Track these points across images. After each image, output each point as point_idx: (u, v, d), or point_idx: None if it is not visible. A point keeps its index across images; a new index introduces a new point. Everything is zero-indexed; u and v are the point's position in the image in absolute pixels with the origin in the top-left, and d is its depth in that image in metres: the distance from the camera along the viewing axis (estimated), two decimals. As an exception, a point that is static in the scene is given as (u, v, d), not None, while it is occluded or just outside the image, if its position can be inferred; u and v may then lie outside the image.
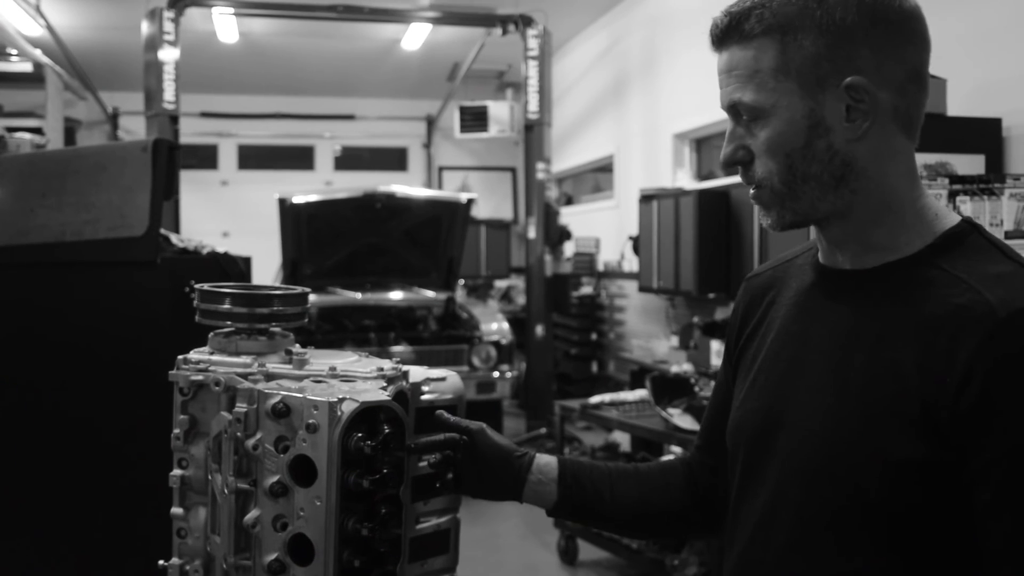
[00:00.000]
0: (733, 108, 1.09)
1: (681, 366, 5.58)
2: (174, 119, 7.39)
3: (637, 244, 6.70)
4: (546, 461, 1.34)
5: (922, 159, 3.47)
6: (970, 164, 3.58)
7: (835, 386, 1.06)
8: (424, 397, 1.34)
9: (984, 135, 3.70)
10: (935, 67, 4.03)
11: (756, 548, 1.14)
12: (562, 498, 1.33)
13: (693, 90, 7.00)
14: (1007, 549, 0.95)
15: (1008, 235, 3.24)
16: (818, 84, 1.03)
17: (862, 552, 1.03)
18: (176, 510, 1.23)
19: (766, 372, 1.18)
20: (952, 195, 3.28)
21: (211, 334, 1.29)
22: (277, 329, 1.29)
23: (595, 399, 4.70)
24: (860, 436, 1.02)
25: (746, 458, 1.18)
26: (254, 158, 12.02)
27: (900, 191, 1.08)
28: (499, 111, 9.33)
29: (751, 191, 1.12)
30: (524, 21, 7.77)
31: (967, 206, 3.23)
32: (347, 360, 1.26)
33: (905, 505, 0.99)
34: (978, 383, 0.94)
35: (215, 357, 1.24)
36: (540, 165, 7.75)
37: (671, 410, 4.12)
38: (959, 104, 3.77)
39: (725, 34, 1.08)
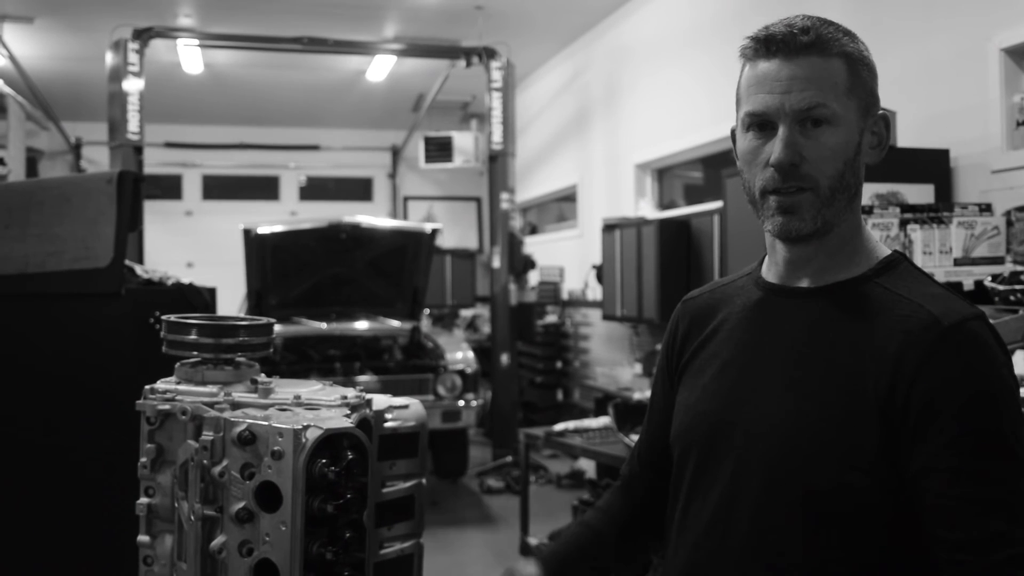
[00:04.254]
0: (801, 112, 1.15)
1: (644, 393, 5.63)
2: (138, 150, 7.37)
3: (600, 273, 6.78)
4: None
5: (874, 188, 3.57)
6: (920, 193, 3.68)
7: (794, 390, 1.16)
8: (387, 424, 1.37)
9: (933, 165, 3.81)
10: (887, 99, 4.15)
11: (713, 540, 1.21)
12: None
13: (654, 121, 7.12)
14: (955, 533, 1.05)
15: (957, 262, 3.33)
16: (867, 110, 1.20)
17: (822, 539, 1.12)
18: (143, 538, 1.25)
19: (717, 379, 1.26)
20: (903, 223, 3.38)
21: (177, 364, 1.31)
22: (243, 359, 1.31)
23: (559, 426, 4.73)
24: (820, 434, 1.12)
25: (698, 458, 1.26)
26: (219, 188, 11.98)
27: (860, 218, 1.24)
28: (464, 142, 9.40)
29: (781, 199, 1.17)
30: (488, 53, 7.87)
31: (917, 234, 3.32)
32: (311, 389, 1.29)
33: (861, 496, 1.10)
34: (926, 382, 1.07)
35: (182, 387, 1.26)
36: (504, 195, 7.81)
37: (633, 436, 4.16)
38: (909, 135, 3.88)
39: (807, 46, 1.16)
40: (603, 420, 4.70)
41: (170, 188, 11.68)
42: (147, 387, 1.26)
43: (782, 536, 1.14)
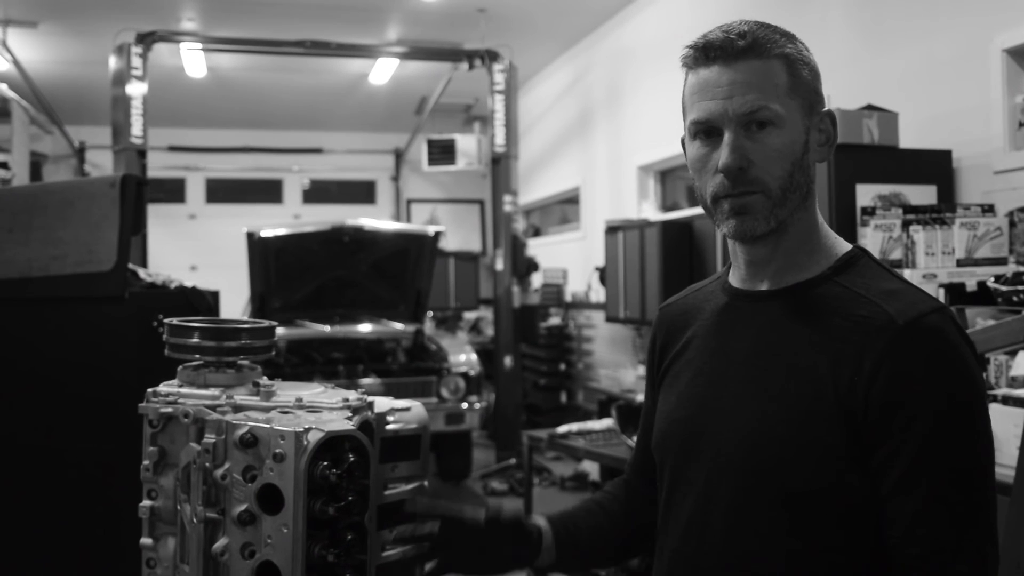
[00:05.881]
0: (745, 116, 1.15)
1: (648, 395, 5.61)
2: (142, 153, 7.39)
3: (604, 275, 6.77)
4: (542, 527, 1.43)
5: (876, 189, 3.57)
6: (922, 194, 3.68)
7: (760, 395, 1.17)
8: (389, 427, 1.37)
9: (935, 166, 3.81)
10: (889, 100, 4.12)
11: (690, 544, 1.23)
12: (559, 559, 1.43)
13: (657, 123, 7.12)
14: (911, 529, 1.07)
15: (960, 263, 3.34)
16: (811, 108, 1.20)
17: (793, 538, 1.13)
18: (145, 540, 1.25)
19: (691, 386, 1.28)
20: (905, 224, 3.38)
21: (180, 367, 1.31)
22: (245, 362, 1.32)
23: (563, 429, 4.72)
24: (786, 435, 1.13)
25: (674, 464, 1.28)
26: (222, 192, 12.00)
27: (818, 215, 1.25)
28: (466, 144, 9.41)
29: (733, 201, 1.18)
30: (490, 56, 7.88)
31: (920, 235, 3.32)
32: (313, 391, 1.30)
33: (830, 492, 1.11)
34: (884, 382, 1.08)
35: (184, 390, 1.26)
36: (507, 197, 7.82)
37: (636, 438, 4.15)
38: (911, 136, 3.88)
39: (744, 50, 1.16)
40: (606, 422, 4.69)
41: (173, 191, 11.70)
42: (149, 390, 1.27)
43: (757, 539, 1.15)
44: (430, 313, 8.27)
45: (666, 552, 1.28)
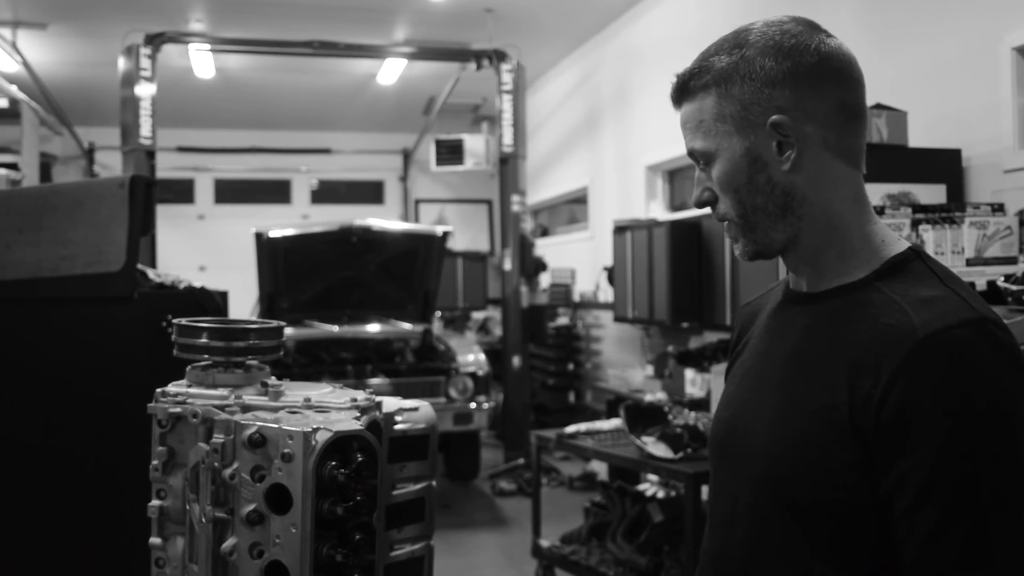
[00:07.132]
0: (692, 155, 1.22)
1: (655, 395, 5.62)
2: (150, 154, 7.41)
3: (612, 275, 6.77)
4: None
5: (885, 189, 3.56)
6: (932, 194, 3.67)
7: (783, 401, 1.16)
8: (397, 427, 1.38)
9: (945, 165, 3.80)
10: (898, 99, 4.08)
11: (718, 544, 1.24)
12: None
13: (665, 122, 7.11)
14: (924, 552, 1.03)
15: (969, 262, 3.32)
16: (749, 126, 1.15)
17: (804, 551, 1.11)
18: (155, 540, 1.25)
19: (739, 387, 1.29)
20: (915, 224, 3.37)
21: (188, 367, 1.32)
22: (253, 362, 1.32)
23: (571, 429, 4.72)
24: (799, 446, 1.11)
25: (715, 464, 1.30)
26: (231, 192, 12.03)
27: (845, 216, 1.17)
28: (474, 144, 9.40)
29: (726, 229, 1.24)
30: (498, 56, 7.88)
31: (929, 234, 3.31)
32: (321, 391, 1.30)
33: (838, 508, 1.08)
34: (897, 397, 1.03)
35: (193, 390, 1.27)
36: (515, 197, 7.82)
37: (645, 438, 4.15)
38: (920, 135, 3.87)
39: (679, 93, 1.23)
40: (615, 422, 4.69)
41: (182, 192, 11.74)
42: (158, 390, 1.27)
43: (770, 548, 1.15)
44: (438, 313, 8.27)
45: (703, 548, 1.30)
